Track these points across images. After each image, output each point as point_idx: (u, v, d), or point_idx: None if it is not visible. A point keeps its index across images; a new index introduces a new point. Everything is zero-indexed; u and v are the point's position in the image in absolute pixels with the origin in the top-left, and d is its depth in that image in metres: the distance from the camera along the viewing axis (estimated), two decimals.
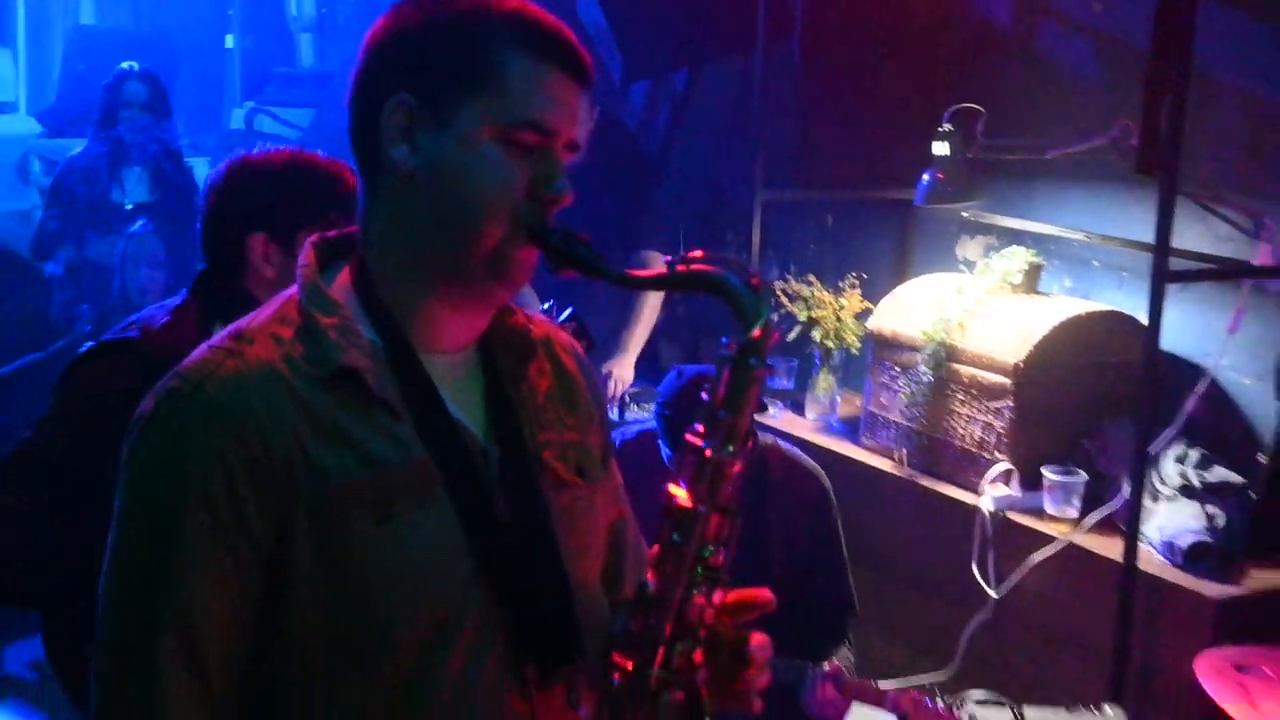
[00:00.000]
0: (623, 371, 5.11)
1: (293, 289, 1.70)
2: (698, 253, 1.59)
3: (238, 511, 1.55)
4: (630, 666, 1.60)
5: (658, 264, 5.07)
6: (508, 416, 1.74)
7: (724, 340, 1.58)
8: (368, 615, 1.59)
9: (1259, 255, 3.99)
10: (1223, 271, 4.05)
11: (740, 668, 1.70)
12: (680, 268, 1.58)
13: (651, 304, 5.28)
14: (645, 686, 1.59)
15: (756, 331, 1.56)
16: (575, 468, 1.80)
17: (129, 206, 6.21)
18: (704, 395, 1.60)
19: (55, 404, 2.70)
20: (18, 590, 2.69)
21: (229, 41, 9.93)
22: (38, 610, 2.87)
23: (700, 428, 1.58)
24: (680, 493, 1.58)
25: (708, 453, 1.57)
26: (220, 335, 1.66)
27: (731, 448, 1.57)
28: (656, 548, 1.61)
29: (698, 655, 1.61)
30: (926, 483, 4.39)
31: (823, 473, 3.77)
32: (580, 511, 1.79)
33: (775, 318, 4.66)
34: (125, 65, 6.33)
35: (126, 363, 2.61)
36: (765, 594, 1.71)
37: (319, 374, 1.61)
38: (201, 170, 7.42)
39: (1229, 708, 2.86)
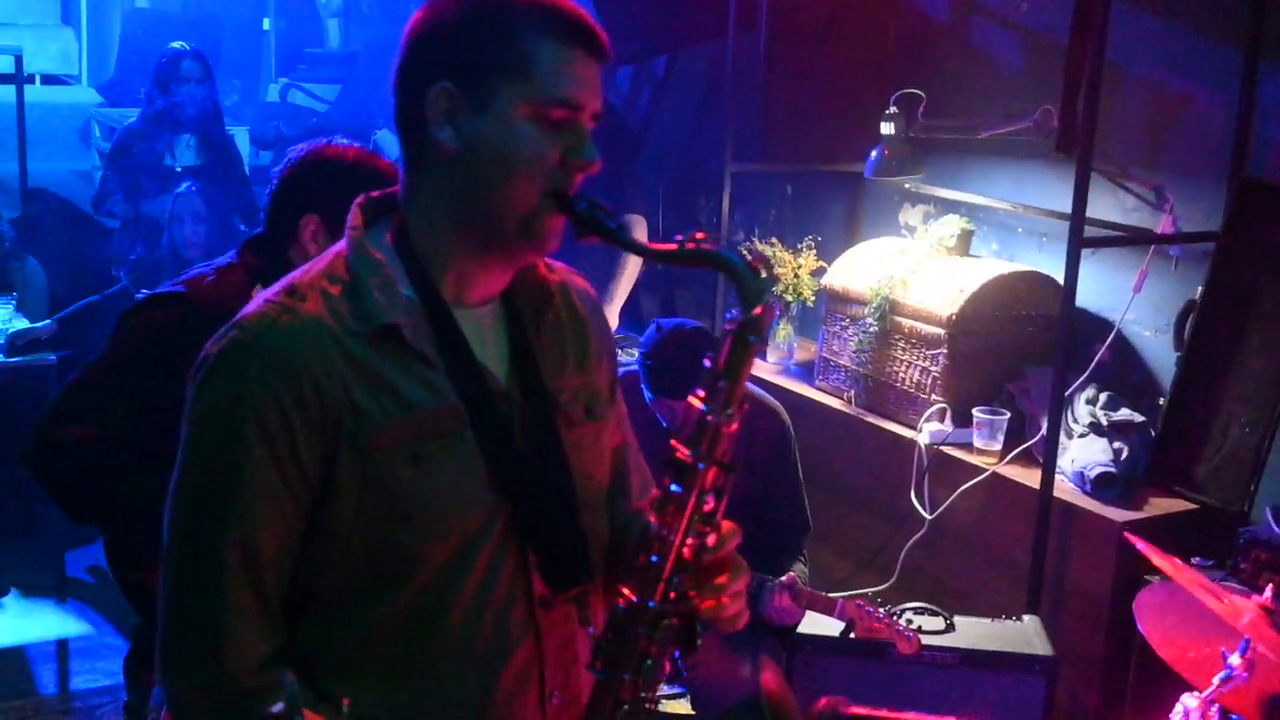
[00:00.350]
0: (610, 318, 5.07)
1: (341, 245, 1.67)
2: (701, 234, 1.57)
3: (291, 444, 1.55)
4: (634, 598, 1.58)
5: (640, 227, 5.05)
6: (529, 363, 1.72)
7: (728, 315, 1.56)
8: (399, 537, 1.59)
9: (1161, 224, 3.97)
10: (1130, 239, 4.03)
11: (719, 573, 1.67)
12: (690, 245, 1.55)
13: (634, 263, 5.24)
14: (646, 614, 1.58)
15: (758, 310, 1.53)
16: (584, 408, 1.78)
17: (179, 169, 6.14)
18: (707, 362, 1.56)
19: (110, 346, 2.67)
20: (82, 509, 2.66)
21: (266, 24, 9.81)
22: (100, 526, 2.85)
23: (701, 392, 1.55)
24: (682, 449, 1.56)
25: (709, 416, 1.55)
26: (276, 290, 1.64)
27: (729, 411, 1.55)
28: (657, 492, 1.59)
29: (691, 591, 1.60)
30: (872, 420, 4.36)
31: (783, 410, 3.74)
32: (587, 445, 1.78)
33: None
34: (177, 44, 6.23)
35: (174, 313, 2.60)
36: (731, 526, 1.69)
37: (363, 329, 1.59)
38: (241, 138, 7.36)
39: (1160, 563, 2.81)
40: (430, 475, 1.59)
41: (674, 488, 1.56)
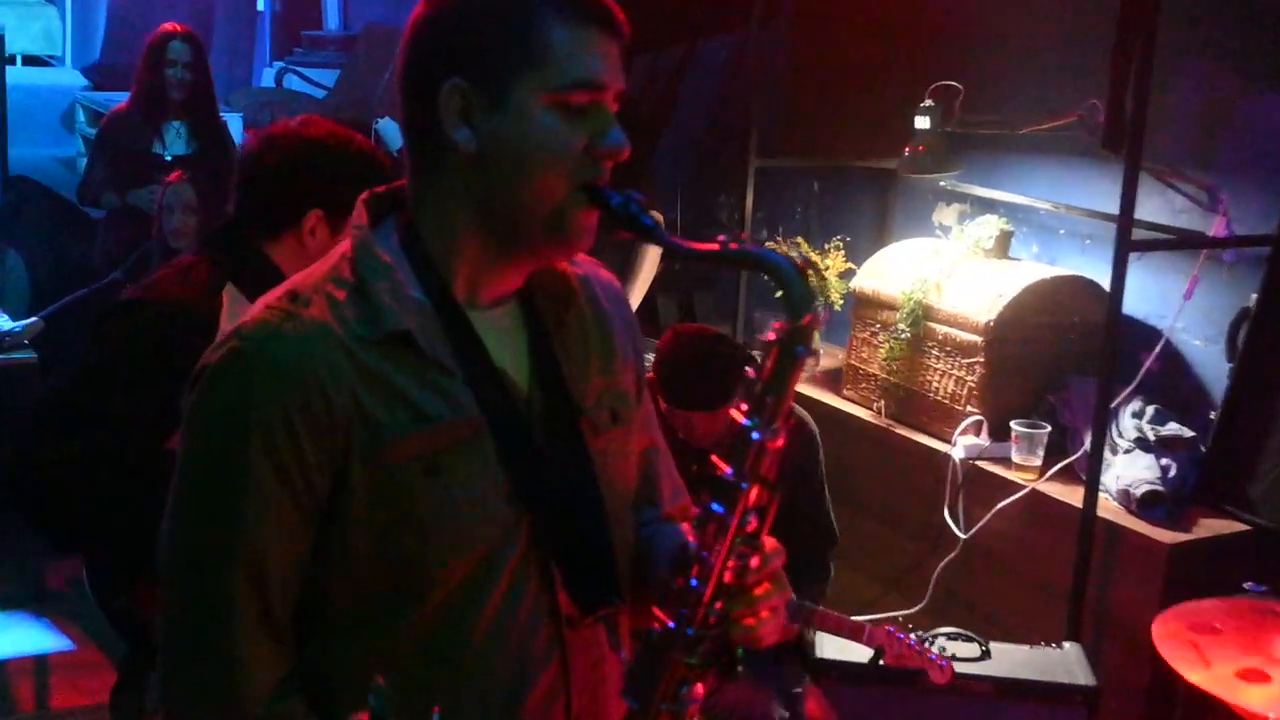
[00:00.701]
0: None
1: (345, 245, 1.65)
2: (744, 234, 1.54)
3: (299, 459, 1.53)
4: (671, 623, 1.56)
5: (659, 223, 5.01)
6: (550, 365, 1.69)
7: (773, 324, 1.53)
8: (416, 554, 1.56)
9: (1214, 227, 3.96)
10: (1180, 242, 4.01)
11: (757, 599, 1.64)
12: (734, 245, 1.53)
13: (651, 258, 5.22)
14: (685, 641, 1.56)
15: (806, 318, 1.51)
16: (610, 412, 1.75)
17: (168, 158, 6.13)
18: (749, 372, 1.55)
19: (86, 357, 2.66)
20: (66, 537, 2.66)
21: (260, 4, 9.82)
22: (81, 552, 2.84)
23: (744, 406, 1.53)
24: (723, 465, 1.54)
25: (753, 432, 1.52)
26: (277, 294, 1.61)
27: (775, 427, 1.53)
28: (696, 510, 1.56)
29: (734, 613, 1.58)
30: (903, 431, 4.35)
31: (810, 419, 3.73)
32: (614, 452, 1.75)
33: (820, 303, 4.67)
34: (169, 26, 6.24)
35: (147, 320, 2.59)
36: (775, 545, 1.67)
37: (372, 336, 1.57)
38: (234, 125, 7.36)
39: (1189, 675, 2.81)
40: (448, 488, 1.57)
41: (715, 507, 1.54)
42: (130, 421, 2.51)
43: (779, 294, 1.51)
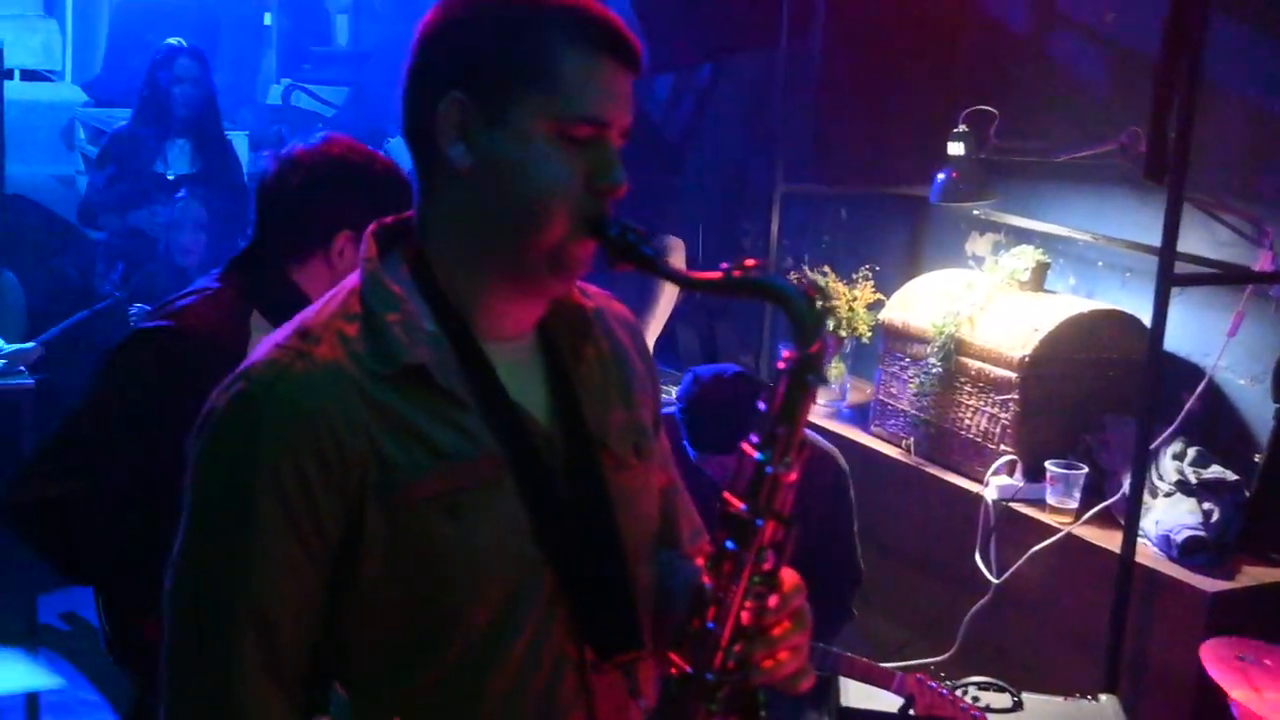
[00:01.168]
0: None
1: (353, 280, 1.66)
2: (751, 261, 1.55)
3: (310, 505, 1.53)
4: (689, 668, 1.57)
5: (678, 252, 5.04)
6: (570, 401, 1.70)
7: (780, 352, 1.55)
8: (437, 600, 1.57)
9: (1260, 261, 3.96)
10: (1225, 276, 4.01)
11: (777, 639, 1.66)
12: (737, 273, 1.54)
13: (669, 290, 5.24)
14: (704, 687, 1.57)
15: (815, 345, 1.52)
16: (633, 447, 1.76)
17: (171, 177, 6.19)
18: (761, 405, 1.56)
19: (96, 390, 2.65)
20: (75, 568, 2.67)
21: (267, 19, 9.88)
22: (95, 586, 2.85)
23: (755, 439, 1.55)
24: (736, 501, 1.55)
25: (766, 467, 1.54)
26: (286, 333, 1.62)
27: (788, 459, 1.54)
28: (710, 548, 1.58)
29: (753, 655, 1.58)
30: (933, 471, 4.36)
31: (839, 454, 3.74)
32: (638, 490, 1.76)
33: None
34: (174, 41, 6.29)
35: (163, 350, 2.57)
36: (795, 582, 1.67)
37: (386, 371, 1.57)
38: (239, 143, 7.41)
39: (1235, 694, 2.83)
40: (469, 530, 1.57)
41: (729, 544, 1.55)
42: (142, 454, 2.52)
43: (790, 320, 1.52)
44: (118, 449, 2.57)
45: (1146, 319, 3.67)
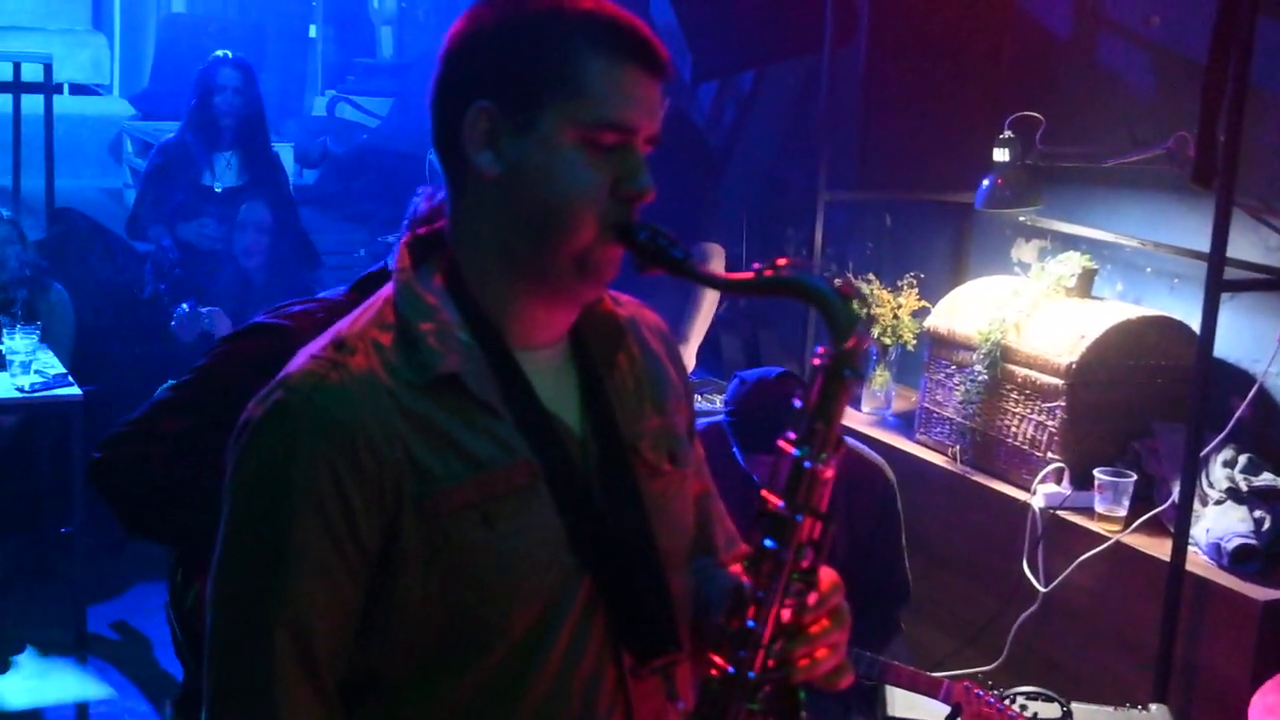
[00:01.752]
0: (687, 359, 5.08)
1: (388, 290, 1.68)
2: (783, 260, 1.56)
3: (347, 515, 1.55)
4: (729, 668, 1.58)
5: (718, 258, 5.03)
6: (603, 408, 1.71)
7: (818, 349, 1.55)
8: (474, 608, 1.58)
9: None
10: (1275, 282, 3.98)
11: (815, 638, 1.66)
12: (769, 273, 1.54)
13: (710, 296, 5.24)
14: (745, 686, 1.57)
15: (851, 341, 1.53)
16: (667, 454, 1.77)
17: (218, 189, 6.24)
18: (797, 402, 1.56)
19: (201, 366, 2.79)
20: (155, 528, 2.80)
21: (312, 31, 9.96)
22: (172, 544, 2.93)
23: (792, 435, 1.55)
24: (774, 499, 1.56)
25: (804, 462, 1.54)
26: (321, 344, 1.64)
27: (825, 455, 1.54)
28: (748, 549, 1.58)
29: (793, 654, 1.59)
30: (979, 479, 4.34)
31: (887, 466, 3.74)
32: (672, 497, 1.77)
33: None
34: (220, 53, 6.35)
35: (270, 348, 2.62)
36: (834, 580, 1.67)
37: (420, 380, 1.59)
38: (285, 155, 7.47)
39: None
40: (505, 538, 1.58)
41: (768, 543, 1.56)
42: (215, 442, 2.62)
43: (824, 318, 1.53)
44: (205, 424, 2.64)
45: (1195, 325, 3.65)
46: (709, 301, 5.23)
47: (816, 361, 1.55)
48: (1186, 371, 3.84)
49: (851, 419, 4.89)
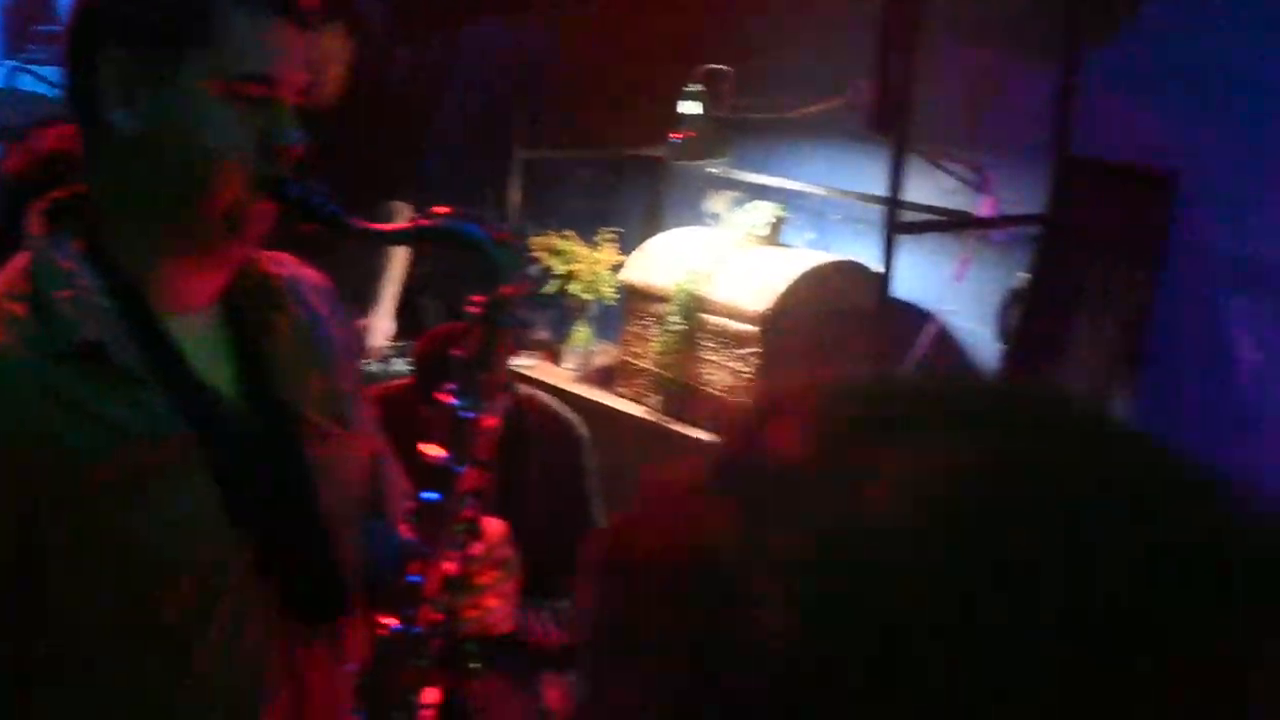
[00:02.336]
0: (381, 322, 4.99)
1: (22, 258, 1.58)
2: (443, 209, 1.54)
3: None
4: (397, 624, 1.56)
5: (405, 215, 4.97)
6: (259, 373, 1.66)
7: (471, 297, 1.54)
8: (126, 586, 1.51)
9: (981, 207, 4.09)
10: (948, 223, 4.14)
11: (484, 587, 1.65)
12: (424, 222, 1.53)
13: (399, 256, 5.17)
14: (412, 643, 1.55)
15: (508, 288, 1.51)
16: (333, 416, 1.73)
17: None
18: (457, 352, 1.54)
19: None
20: None
21: None
22: None
23: (452, 385, 1.53)
24: (434, 451, 1.53)
25: (463, 412, 1.52)
26: None
27: (484, 404, 1.53)
28: (411, 505, 1.56)
29: (460, 606, 1.58)
30: (679, 428, 4.39)
31: (579, 422, 3.74)
32: (341, 460, 1.73)
33: (530, 272, 4.68)
34: None
35: None
36: (500, 529, 1.67)
37: (58, 351, 1.50)
38: None
39: None
40: (156, 510, 1.52)
41: (429, 495, 1.54)
42: None
43: (480, 264, 1.52)
44: None
45: (879, 269, 3.75)
46: (398, 263, 5.16)
47: (470, 309, 1.53)
48: (873, 314, 3.95)
49: (553, 375, 4.89)
